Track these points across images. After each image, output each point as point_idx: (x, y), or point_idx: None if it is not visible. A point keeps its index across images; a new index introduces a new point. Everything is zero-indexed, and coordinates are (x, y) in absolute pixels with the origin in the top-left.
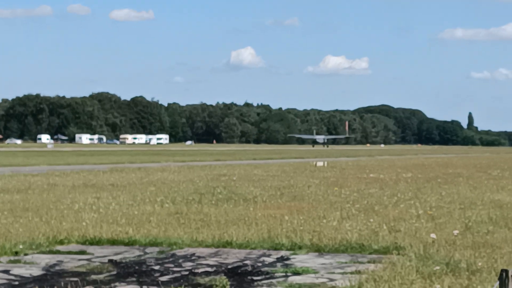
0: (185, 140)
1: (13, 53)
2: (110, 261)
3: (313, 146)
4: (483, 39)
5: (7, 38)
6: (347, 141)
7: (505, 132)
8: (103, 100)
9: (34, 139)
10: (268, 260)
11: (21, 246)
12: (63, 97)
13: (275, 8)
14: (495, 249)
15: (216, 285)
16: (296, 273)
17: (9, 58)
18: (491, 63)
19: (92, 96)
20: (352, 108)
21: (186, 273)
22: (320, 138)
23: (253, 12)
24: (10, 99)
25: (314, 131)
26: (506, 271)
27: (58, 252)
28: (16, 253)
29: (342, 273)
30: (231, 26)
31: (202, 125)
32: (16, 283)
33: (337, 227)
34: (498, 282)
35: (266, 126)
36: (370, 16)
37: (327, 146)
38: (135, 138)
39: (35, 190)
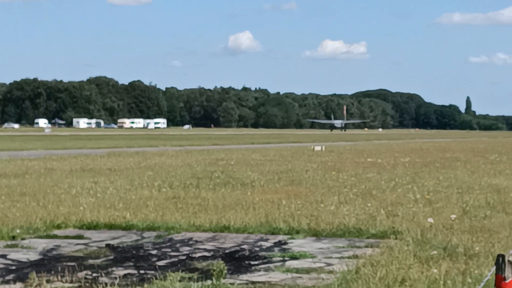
0: (183, 125)
1: (11, 38)
2: (108, 245)
3: (331, 130)
4: (481, 24)
5: (4, 22)
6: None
7: (503, 116)
8: (101, 84)
9: (32, 124)
10: (266, 244)
11: (18, 231)
12: (61, 81)
13: None
14: (492, 234)
15: (214, 270)
16: (294, 257)
17: (6, 42)
18: (489, 47)
19: (89, 81)
20: (350, 92)
21: (184, 257)
22: (338, 122)
23: None
24: (7, 83)
25: (332, 116)
26: (503, 256)
27: (55, 236)
28: (13, 238)
29: (340, 258)
30: (229, 10)
31: (200, 110)
32: (13, 267)
33: (335, 212)
34: (494, 267)
35: (264, 111)
36: (368, 0)
37: (345, 130)
38: (132, 123)
39: (32, 174)
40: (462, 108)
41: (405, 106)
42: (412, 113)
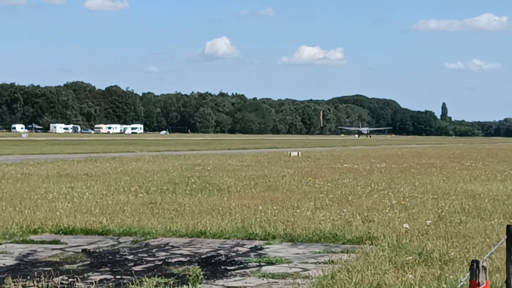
0: (160, 130)
1: None
2: (84, 250)
3: (358, 136)
4: (457, 30)
5: None
6: (369, 133)
7: (479, 122)
8: (78, 89)
9: (9, 129)
10: (242, 249)
11: None
12: (38, 86)
13: None
14: (467, 239)
15: (189, 275)
16: (270, 262)
17: None
18: (465, 54)
19: (66, 86)
20: (326, 98)
21: (160, 262)
22: (364, 129)
23: (228, 2)
24: None
25: (360, 124)
26: (477, 262)
27: (32, 241)
28: None
29: (315, 263)
30: (206, 16)
31: (177, 115)
32: None
33: (311, 217)
34: (469, 273)
35: (240, 116)
36: (345, 6)
37: (370, 136)
38: (109, 128)
39: (9, 179)
40: (438, 114)
41: (381, 112)
42: (388, 119)
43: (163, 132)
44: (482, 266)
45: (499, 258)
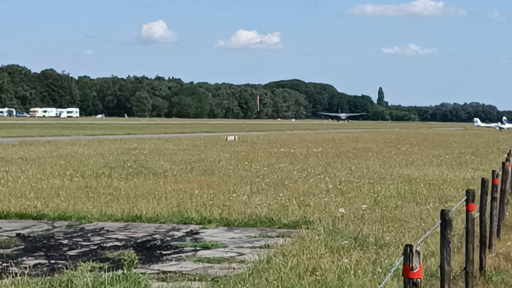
0: (96, 114)
1: None
2: (18, 235)
3: (338, 121)
4: (393, 15)
5: None
6: (347, 118)
7: (415, 107)
8: (13, 72)
9: None
10: (178, 234)
11: None
12: None
13: None
14: (403, 224)
15: (125, 259)
16: (205, 247)
17: None
18: (401, 38)
19: (1, 69)
20: (263, 82)
21: (95, 247)
22: (343, 115)
23: None
24: None
25: (339, 110)
26: (411, 246)
27: None
28: None
29: (251, 247)
30: None
31: (113, 99)
32: None
33: (247, 202)
34: (402, 258)
35: (177, 100)
36: None
37: (348, 121)
38: (45, 111)
39: None
40: (375, 99)
41: (318, 96)
42: (325, 103)
43: (99, 116)
44: (416, 251)
45: (434, 242)
